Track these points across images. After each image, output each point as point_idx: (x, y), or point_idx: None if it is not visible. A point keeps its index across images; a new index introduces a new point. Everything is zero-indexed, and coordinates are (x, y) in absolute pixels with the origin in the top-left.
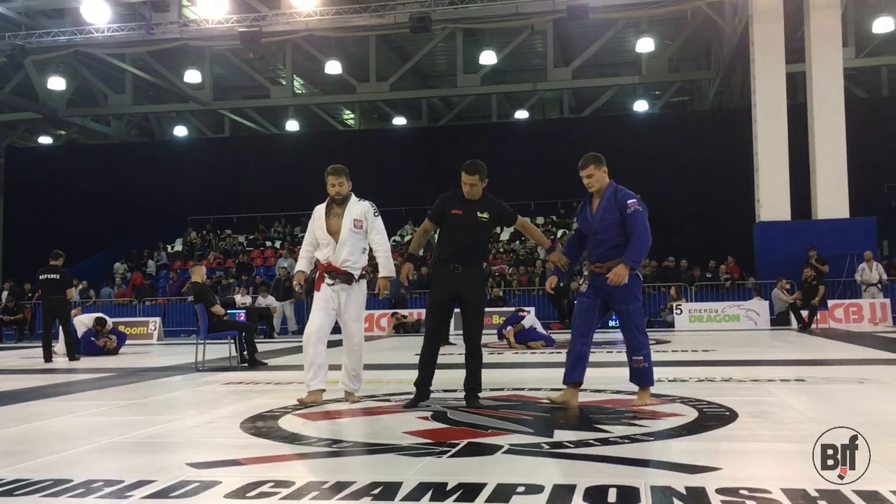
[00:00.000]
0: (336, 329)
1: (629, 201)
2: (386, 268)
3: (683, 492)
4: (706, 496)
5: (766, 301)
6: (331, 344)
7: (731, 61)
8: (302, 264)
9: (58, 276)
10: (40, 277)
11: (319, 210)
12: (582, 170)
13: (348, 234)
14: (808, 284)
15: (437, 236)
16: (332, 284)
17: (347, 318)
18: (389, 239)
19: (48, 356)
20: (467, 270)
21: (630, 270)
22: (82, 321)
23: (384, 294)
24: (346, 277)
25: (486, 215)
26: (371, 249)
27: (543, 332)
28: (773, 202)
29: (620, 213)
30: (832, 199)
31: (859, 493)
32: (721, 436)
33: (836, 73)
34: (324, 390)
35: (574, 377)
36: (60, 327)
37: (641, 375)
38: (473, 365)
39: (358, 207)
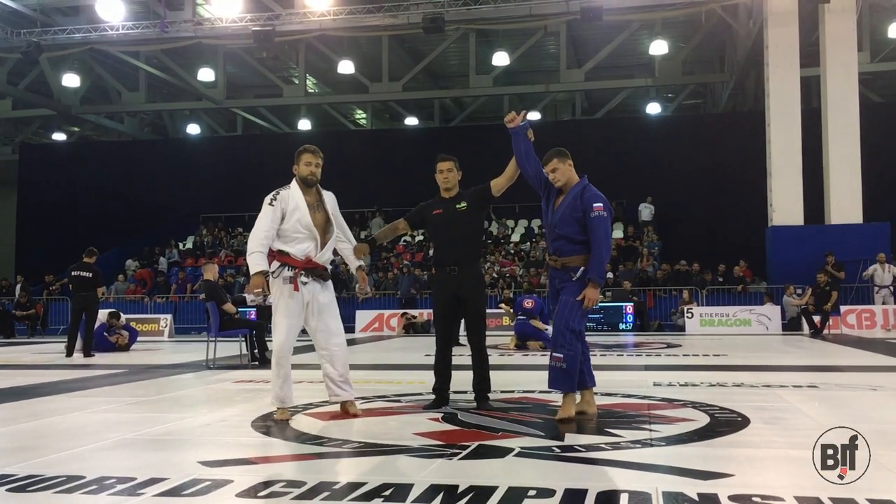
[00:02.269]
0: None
1: (595, 204)
2: (358, 259)
3: (696, 498)
4: (719, 503)
5: (778, 306)
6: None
7: (744, 64)
8: (261, 261)
9: (90, 275)
10: (72, 273)
11: (297, 197)
12: (545, 165)
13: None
14: (820, 290)
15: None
16: (307, 283)
17: (328, 316)
18: (401, 241)
19: (71, 351)
20: (464, 271)
21: (598, 287)
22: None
23: (365, 288)
24: (325, 274)
25: (463, 204)
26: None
27: (546, 330)
28: (785, 207)
29: (583, 215)
30: (845, 204)
31: (873, 501)
32: (733, 442)
33: (850, 77)
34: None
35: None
36: (84, 324)
37: (557, 376)
38: (480, 366)
39: (331, 199)
